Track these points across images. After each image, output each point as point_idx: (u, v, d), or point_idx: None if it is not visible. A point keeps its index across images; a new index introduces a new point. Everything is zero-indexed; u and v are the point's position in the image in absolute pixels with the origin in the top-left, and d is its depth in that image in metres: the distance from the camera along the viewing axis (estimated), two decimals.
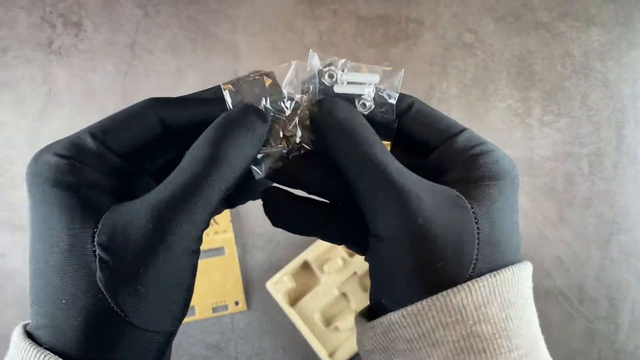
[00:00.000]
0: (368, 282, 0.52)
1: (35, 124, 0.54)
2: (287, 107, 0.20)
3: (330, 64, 0.21)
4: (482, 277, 0.18)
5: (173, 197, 0.17)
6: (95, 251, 0.17)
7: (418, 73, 0.55)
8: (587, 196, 0.55)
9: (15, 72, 0.54)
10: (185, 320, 0.52)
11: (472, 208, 0.19)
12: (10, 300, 0.53)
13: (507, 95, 0.55)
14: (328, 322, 0.51)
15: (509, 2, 0.55)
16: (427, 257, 0.18)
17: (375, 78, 0.21)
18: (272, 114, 0.20)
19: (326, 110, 0.20)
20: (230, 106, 0.20)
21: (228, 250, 0.53)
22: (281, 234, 0.54)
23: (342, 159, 0.20)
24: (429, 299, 0.18)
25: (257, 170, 0.20)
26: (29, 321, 0.19)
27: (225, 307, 0.53)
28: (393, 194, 0.18)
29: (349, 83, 0.21)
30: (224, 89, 0.20)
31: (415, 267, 0.18)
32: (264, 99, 0.20)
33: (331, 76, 0.21)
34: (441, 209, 0.18)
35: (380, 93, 0.21)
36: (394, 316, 0.19)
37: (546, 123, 0.55)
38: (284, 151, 0.21)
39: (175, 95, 0.21)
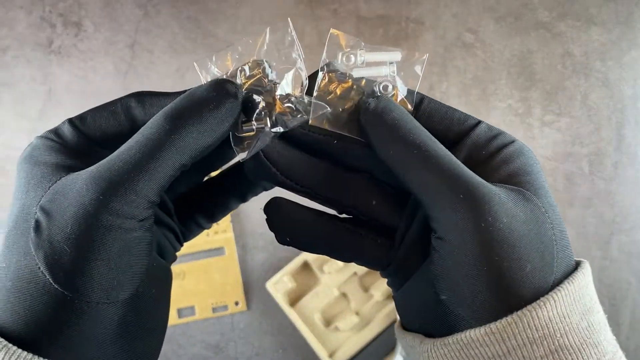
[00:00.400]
0: (368, 282, 0.52)
1: (35, 124, 0.54)
2: (271, 81, 0.19)
3: (349, 47, 0.20)
4: (562, 285, 0.17)
5: (116, 164, 0.17)
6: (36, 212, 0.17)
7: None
8: (587, 196, 0.54)
9: (15, 72, 0.54)
10: (185, 320, 0.52)
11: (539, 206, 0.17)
12: None
13: (507, 95, 0.55)
14: (328, 322, 0.51)
15: (509, 2, 0.55)
16: (510, 264, 0.16)
17: (397, 55, 0.20)
18: (256, 88, 0.19)
19: (378, 111, 0.19)
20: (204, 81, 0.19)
21: (228, 250, 0.53)
22: None
23: (401, 162, 0.18)
24: (515, 315, 0.16)
25: (237, 149, 0.19)
26: None
27: (225, 307, 0.53)
28: (469, 195, 0.17)
29: (368, 64, 0.20)
30: (196, 65, 0.19)
31: (496, 276, 0.17)
32: (239, 72, 0.19)
33: (349, 59, 0.20)
34: (517, 208, 0.17)
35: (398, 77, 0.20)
36: (474, 333, 0.17)
37: (546, 123, 0.55)
38: (272, 130, 0.19)
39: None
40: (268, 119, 0.19)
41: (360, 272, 0.51)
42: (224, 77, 0.19)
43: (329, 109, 0.19)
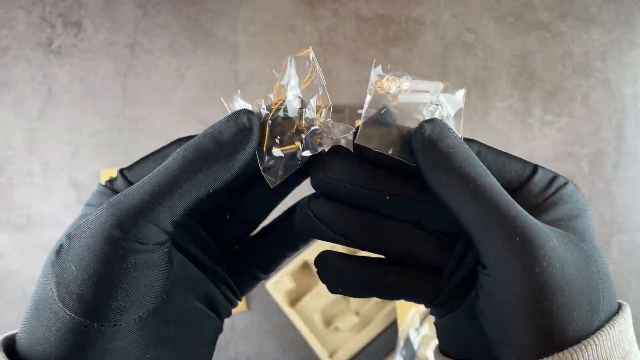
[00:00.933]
0: None
1: (35, 124, 0.53)
2: (294, 105, 0.19)
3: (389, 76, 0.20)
4: (604, 328, 0.17)
5: (132, 192, 0.17)
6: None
7: (418, 73, 0.55)
8: (587, 196, 0.54)
9: (14, 72, 0.54)
10: None
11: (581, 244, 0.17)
12: (10, 300, 0.53)
13: (507, 95, 0.55)
14: (328, 322, 0.51)
15: (509, 2, 0.55)
16: (559, 309, 0.17)
17: (439, 85, 0.20)
18: (281, 114, 0.19)
19: (433, 137, 0.18)
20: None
21: None
22: None
23: (454, 194, 0.18)
24: (557, 355, 0.16)
25: (268, 177, 0.19)
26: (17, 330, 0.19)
27: None
28: (511, 229, 0.17)
29: (411, 91, 0.20)
30: (223, 100, 0.19)
31: (543, 319, 0.17)
32: (262, 101, 0.19)
33: (394, 85, 0.20)
34: (562, 248, 0.17)
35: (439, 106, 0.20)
36: None
37: (546, 123, 0.55)
38: (300, 151, 0.19)
39: (175, 96, 0.21)
40: (297, 142, 0.19)
41: None
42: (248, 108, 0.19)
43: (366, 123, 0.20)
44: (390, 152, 0.19)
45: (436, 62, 0.55)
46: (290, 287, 0.51)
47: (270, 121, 0.19)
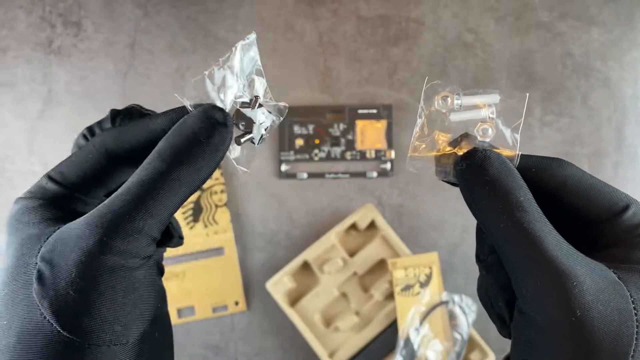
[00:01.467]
0: (368, 283, 0.52)
1: (35, 124, 0.54)
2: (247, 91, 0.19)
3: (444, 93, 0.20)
4: None
5: (116, 206, 0.17)
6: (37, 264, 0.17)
7: (418, 73, 0.55)
8: None
9: (15, 72, 0.54)
10: (185, 320, 0.52)
11: (631, 297, 0.17)
12: None
13: (507, 95, 0.55)
14: (328, 322, 0.51)
15: (509, 2, 0.55)
16: (582, 350, 0.16)
17: (495, 97, 0.19)
18: (238, 100, 0.19)
19: (477, 164, 0.18)
20: (190, 109, 0.19)
21: (228, 250, 0.53)
22: (281, 234, 0.54)
23: (491, 222, 0.18)
24: None
25: (243, 168, 0.20)
26: None
27: (225, 308, 0.53)
28: (549, 275, 0.16)
29: (465, 108, 0.19)
30: (177, 96, 0.19)
31: (567, 357, 0.16)
32: (222, 93, 0.19)
33: (444, 104, 0.19)
34: (601, 296, 0.17)
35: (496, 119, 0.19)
36: None
37: (546, 123, 0.55)
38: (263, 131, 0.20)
39: (174, 95, 0.21)
40: (255, 130, 0.20)
41: (361, 272, 0.51)
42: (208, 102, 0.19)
43: None
44: (445, 178, 0.19)
45: (436, 62, 0.55)
46: (290, 287, 0.51)
47: (237, 106, 0.19)
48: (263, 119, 0.20)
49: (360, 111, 0.54)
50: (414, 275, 0.49)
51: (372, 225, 0.52)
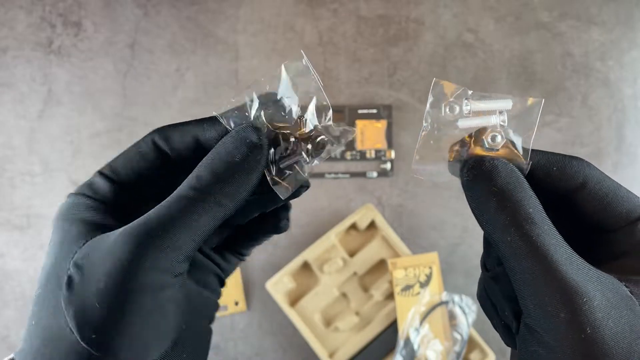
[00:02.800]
0: (368, 282, 0.52)
1: (35, 124, 0.54)
2: (292, 112, 0.19)
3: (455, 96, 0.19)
4: None
5: (152, 220, 0.17)
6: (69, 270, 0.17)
7: (418, 73, 0.55)
8: None
9: (15, 72, 0.54)
10: None
11: None
12: (10, 300, 0.53)
13: (519, 100, 0.55)
14: (328, 322, 0.51)
15: (509, 2, 0.55)
16: None
17: (508, 103, 0.18)
18: (282, 124, 0.19)
19: (484, 174, 0.17)
20: (229, 127, 0.19)
21: None
22: (281, 234, 0.54)
23: (498, 235, 0.17)
24: None
25: (280, 191, 0.19)
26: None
27: (225, 308, 0.53)
28: (558, 292, 0.16)
29: (474, 113, 0.18)
30: (218, 116, 0.19)
31: None
32: (261, 112, 0.18)
33: (453, 109, 0.18)
34: (612, 312, 0.16)
35: (507, 127, 0.18)
36: None
37: (547, 123, 0.55)
38: (305, 157, 0.19)
39: (175, 96, 0.21)
40: (303, 153, 0.19)
41: (360, 272, 0.51)
42: (246, 124, 0.19)
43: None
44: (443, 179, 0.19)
45: (436, 62, 0.55)
46: (290, 287, 0.51)
47: (273, 132, 0.18)
48: (307, 144, 0.19)
49: (360, 111, 0.54)
50: (414, 275, 0.49)
51: (372, 225, 0.52)
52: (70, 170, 0.53)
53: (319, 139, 0.18)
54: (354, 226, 0.52)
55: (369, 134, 0.54)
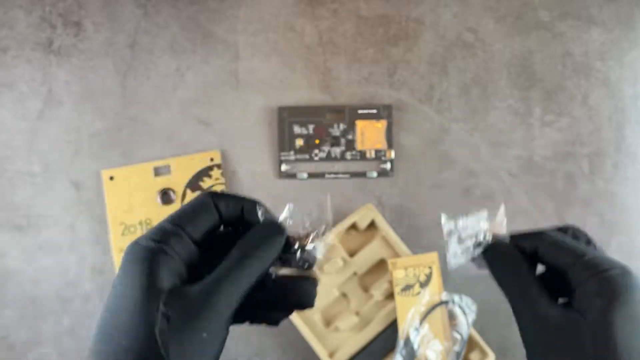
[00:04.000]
0: (368, 282, 0.52)
1: (35, 124, 0.54)
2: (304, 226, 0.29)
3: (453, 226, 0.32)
4: None
5: (216, 282, 0.24)
6: (158, 308, 0.23)
7: (418, 73, 0.55)
8: (587, 196, 0.54)
9: (14, 72, 0.54)
10: None
11: (582, 321, 0.24)
12: (10, 300, 0.53)
13: (507, 95, 0.55)
14: (328, 322, 0.51)
15: (509, 1, 0.55)
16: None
17: (484, 213, 0.30)
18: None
19: (497, 255, 0.30)
20: (260, 219, 0.27)
21: None
22: None
23: (506, 290, 0.28)
24: None
25: (305, 271, 0.29)
26: None
27: None
28: (536, 319, 0.26)
29: (471, 225, 0.31)
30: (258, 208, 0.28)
31: None
32: (287, 219, 0.28)
33: (460, 241, 0.31)
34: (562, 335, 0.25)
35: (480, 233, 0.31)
36: None
37: (547, 123, 0.55)
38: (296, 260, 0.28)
39: (175, 96, 0.22)
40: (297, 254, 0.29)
41: (360, 272, 0.51)
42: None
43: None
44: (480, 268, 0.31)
45: (436, 62, 0.55)
46: None
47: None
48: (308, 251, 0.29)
49: (360, 111, 0.54)
50: (414, 275, 0.49)
51: (372, 225, 0.52)
52: (70, 170, 0.53)
53: (307, 255, 0.28)
54: (354, 226, 0.52)
55: (369, 134, 0.54)
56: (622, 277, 0.25)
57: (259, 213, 0.28)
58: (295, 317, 0.50)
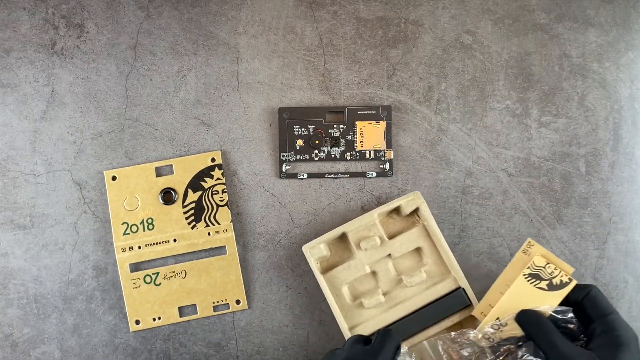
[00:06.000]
0: (400, 266, 0.52)
1: (38, 125, 0.54)
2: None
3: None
4: None
5: None
6: None
7: (417, 74, 0.56)
8: (584, 196, 0.55)
9: (18, 73, 0.54)
10: (187, 318, 0.53)
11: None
12: (13, 299, 0.53)
13: (505, 96, 0.55)
14: (355, 297, 0.52)
15: (507, 4, 0.56)
16: None
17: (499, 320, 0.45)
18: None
19: (526, 318, 0.43)
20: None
21: (229, 249, 0.53)
22: (282, 233, 0.54)
23: (538, 343, 0.40)
24: None
25: None
26: None
27: (227, 306, 0.53)
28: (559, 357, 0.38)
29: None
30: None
31: None
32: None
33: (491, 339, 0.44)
34: None
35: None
36: None
37: (544, 124, 0.55)
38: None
39: (177, 97, 0.22)
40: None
41: (395, 255, 0.51)
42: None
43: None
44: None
45: (434, 64, 0.55)
46: (325, 254, 0.51)
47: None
48: None
49: (359, 112, 0.55)
50: (551, 273, 0.46)
51: (415, 213, 0.53)
52: (73, 170, 0.54)
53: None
54: (396, 210, 0.52)
55: (369, 135, 0.54)
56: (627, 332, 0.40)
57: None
58: (323, 284, 0.50)
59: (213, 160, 0.54)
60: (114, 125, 0.54)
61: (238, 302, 0.53)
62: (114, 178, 0.54)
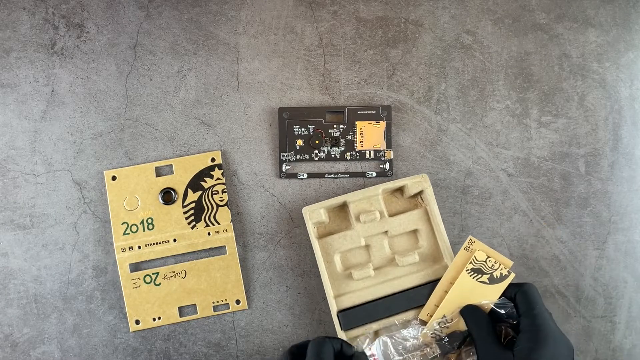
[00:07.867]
0: (395, 245, 0.53)
1: (38, 125, 0.54)
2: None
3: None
4: None
5: None
6: None
7: (417, 74, 0.56)
8: (583, 196, 0.55)
9: (18, 73, 0.54)
10: (187, 318, 0.53)
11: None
12: (13, 299, 0.53)
13: (505, 96, 0.55)
14: (345, 267, 0.52)
15: (507, 4, 0.56)
16: None
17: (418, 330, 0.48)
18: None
19: (468, 313, 0.46)
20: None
21: (229, 249, 0.53)
22: (282, 233, 0.54)
23: (473, 338, 0.44)
24: None
25: None
26: None
27: (227, 306, 0.53)
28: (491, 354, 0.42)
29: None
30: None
31: None
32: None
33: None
34: None
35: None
36: None
37: (543, 124, 0.55)
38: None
39: (177, 97, 0.22)
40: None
41: (392, 233, 0.51)
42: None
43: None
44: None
45: (434, 64, 0.56)
46: (324, 220, 0.52)
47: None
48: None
49: (359, 112, 0.55)
50: (491, 266, 0.48)
51: (419, 196, 0.53)
52: (73, 170, 0.54)
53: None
54: (401, 191, 0.53)
55: (368, 135, 0.55)
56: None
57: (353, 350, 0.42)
58: (317, 248, 0.51)
59: (213, 160, 0.54)
60: (114, 125, 0.54)
61: (238, 302, 0.53)
62: (114, 178, 0.54)
